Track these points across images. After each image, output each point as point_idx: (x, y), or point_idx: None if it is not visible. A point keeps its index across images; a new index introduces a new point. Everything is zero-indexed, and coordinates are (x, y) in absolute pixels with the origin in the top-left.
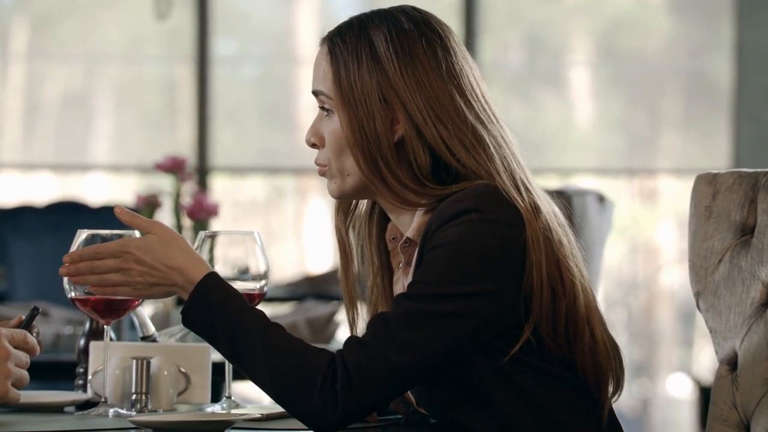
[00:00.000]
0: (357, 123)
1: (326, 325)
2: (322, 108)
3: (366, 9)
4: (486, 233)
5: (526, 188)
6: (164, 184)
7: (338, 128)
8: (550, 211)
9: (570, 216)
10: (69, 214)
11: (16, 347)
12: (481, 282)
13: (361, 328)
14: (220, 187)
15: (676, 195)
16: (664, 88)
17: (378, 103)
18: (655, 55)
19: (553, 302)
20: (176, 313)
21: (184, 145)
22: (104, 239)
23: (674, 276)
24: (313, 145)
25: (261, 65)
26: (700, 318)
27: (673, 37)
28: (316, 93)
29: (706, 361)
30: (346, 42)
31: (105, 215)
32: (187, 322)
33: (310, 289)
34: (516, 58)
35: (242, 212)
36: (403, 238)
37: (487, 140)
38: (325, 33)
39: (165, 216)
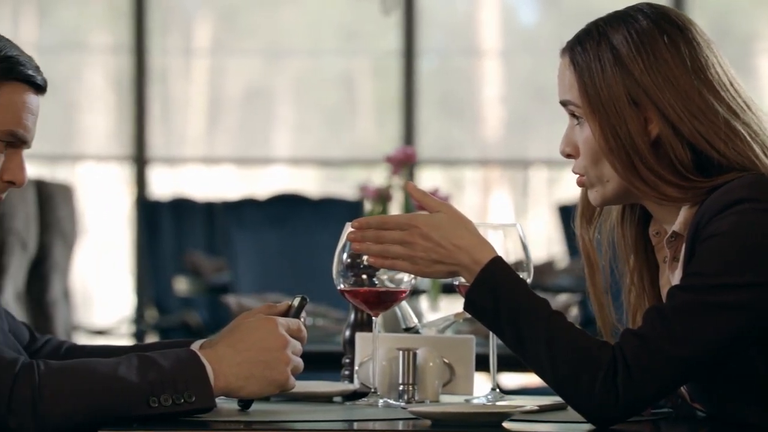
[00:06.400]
0: (609, 129)
1: None
2: (572, 116)
3: None
4: (760, 223)
5: None
6: (370, 177)
7: (591, 136)
8: None
9: None
10: (290, 207)
11: (291, 336)
12: (757, 272)
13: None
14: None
15: None
16: None
17: (628, 106)
18: None
19: None
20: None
21: (366, 138)
22: None
23: None
24: (569, 156)
25: (440, 57)
26: None
27: None
28: (564, 103)
29: None
30: (586, 50)
31: (325, 208)
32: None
33: None
34: None
35: None
36: (669, 233)
37: (742, 131)
38: (564, 44)
39: (394, 210)
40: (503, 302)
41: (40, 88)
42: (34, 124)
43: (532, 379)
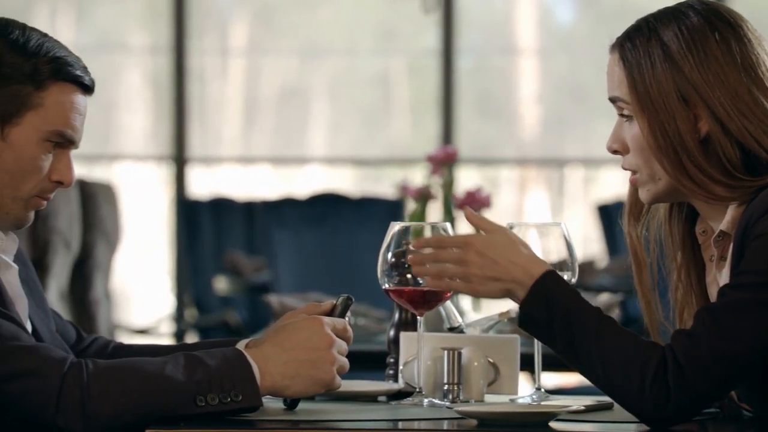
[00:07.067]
0: (658, 126)
1: None
2: (621, 114)
3: None
4: None
5: None
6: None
7: (639, 133)
8: None
9: None
10: (329, 207)
11: (336, 335)
12: None
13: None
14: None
15: None
16: None
17: (677, 103)
18: None
19: None
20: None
21: (402, 138)
22: (416, 230)
23: None
24: (615, 152)
25: (477, 56)
26: None
27: None
28: (613, 100)
29: None
30: (636, 46)
31: (364, 207)
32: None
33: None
34: None
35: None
36: (717, 232)
37: None
38: (614, 40)
39: (435, 208)
40: (557, 313)
41: (87, 89)
42: (81, 124)
43: (570, 379)
